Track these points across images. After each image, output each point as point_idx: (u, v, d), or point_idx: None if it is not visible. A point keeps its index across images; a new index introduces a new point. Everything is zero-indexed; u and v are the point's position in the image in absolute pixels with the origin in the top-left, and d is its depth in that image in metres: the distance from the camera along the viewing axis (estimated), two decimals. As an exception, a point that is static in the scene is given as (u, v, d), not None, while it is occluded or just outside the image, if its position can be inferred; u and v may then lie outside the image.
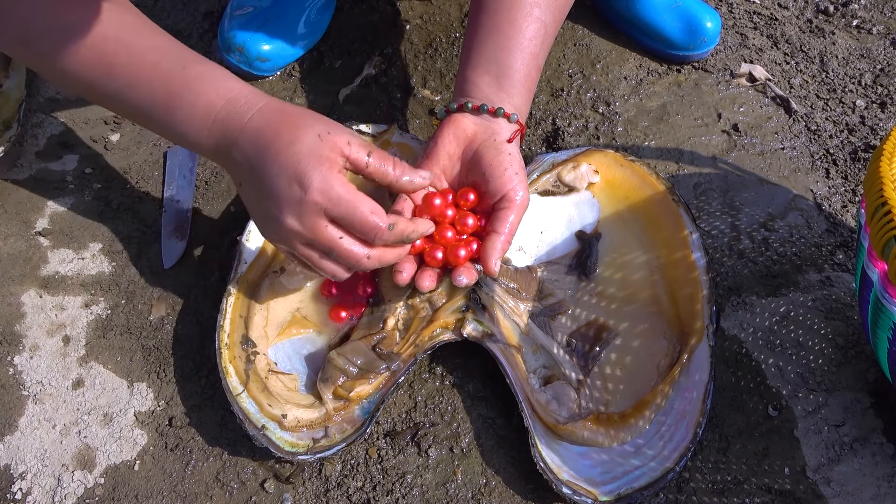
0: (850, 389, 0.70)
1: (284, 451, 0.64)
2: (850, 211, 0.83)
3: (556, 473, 0.63)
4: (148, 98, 0.62)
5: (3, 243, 0.80)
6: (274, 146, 0.59)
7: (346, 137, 0.60)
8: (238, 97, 0.62)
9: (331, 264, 0.62)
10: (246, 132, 0.60)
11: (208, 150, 0.63)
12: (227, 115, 0.61)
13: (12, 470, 0.67)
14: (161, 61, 0.62)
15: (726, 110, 0.91)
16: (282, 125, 0.60)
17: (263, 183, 0.60)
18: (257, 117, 0.61)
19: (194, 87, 0.62)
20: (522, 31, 0.69)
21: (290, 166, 0.58)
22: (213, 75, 0.63)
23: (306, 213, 0.59)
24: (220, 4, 1.00)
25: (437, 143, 0.69)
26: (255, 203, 0.62)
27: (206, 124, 0.62)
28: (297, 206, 0.58)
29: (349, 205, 0.59)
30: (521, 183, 0.67)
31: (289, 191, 0.58)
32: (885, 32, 0.99)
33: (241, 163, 0.61)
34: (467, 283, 0.66)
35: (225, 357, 0.68)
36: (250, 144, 0.60)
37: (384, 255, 0.63)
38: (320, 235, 0.59)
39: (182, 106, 0.62)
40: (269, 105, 0.62)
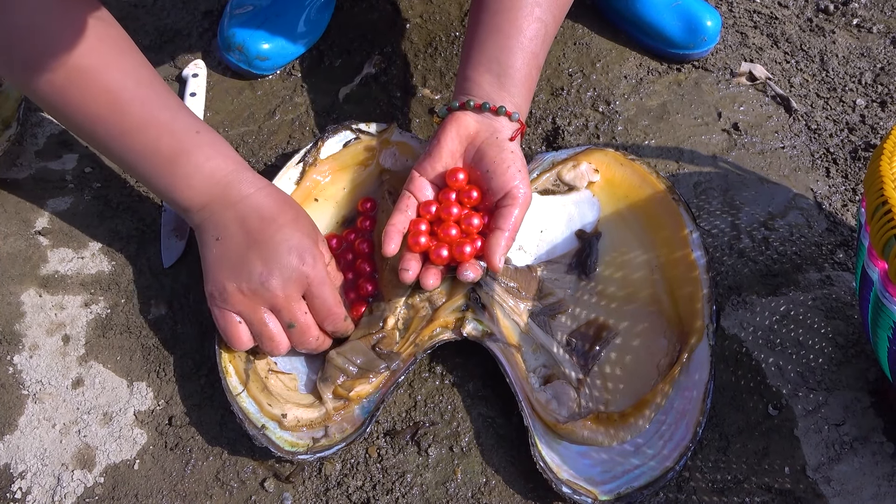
0: (850, 388, 0.70)
1: (284, 451, 0.64)
2: (851, 210, 0.83)
3: (555, 473, 0.63)
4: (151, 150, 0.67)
5: (2, 242, 0.80)
6: (278, 220, 0.66)
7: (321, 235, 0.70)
8: (244, 171, 0.68)
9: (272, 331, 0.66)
10: (248, 201, 0.67)
11: (194, 203, 0.67)
12: (231, 182, 0.67)
13: (12, 469, 0.67)
14: (174, 121, 0.67)
15: (726, 109, 0.91)
16: (285, 206, 0.68)
17: (259, 247, 0.65)
18: (261, 194, 0.67)
19: (205, 151, 0.67)
20: (524, 30, 0.69)
21: (293, 239, 0.65)
22: (224, 146, 0.69)
23: (292, 281, 0.65)
24: (220, 3, 1.00)
25: (440, 140, 0.70)
26: (230, 258, 0.66)
27: (208, 184, 0.67)
28: (287, 272, 0.65)
29: (328, 289, 0.67)
30: (523, 180, 0.68)
31: (287, 258, 0.65)
32: (885, 31, 0.99)
33: (233, 223, 0.66)
34: (473, 279, 0.67)
35: (225, 356, 0.68)
36: (252, 212, 0.66)
37: (325, 342, 0.69)
38: (293, 306, 0.65)
39: (188, 163, 0.67)
40: (272, 187, 0.69)
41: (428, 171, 0.71)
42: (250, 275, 0.64)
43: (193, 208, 0.68)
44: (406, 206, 0.70)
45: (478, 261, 0.68)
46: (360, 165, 0.80)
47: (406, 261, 0.68)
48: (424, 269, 0.68)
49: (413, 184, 0.71)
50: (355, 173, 0.80)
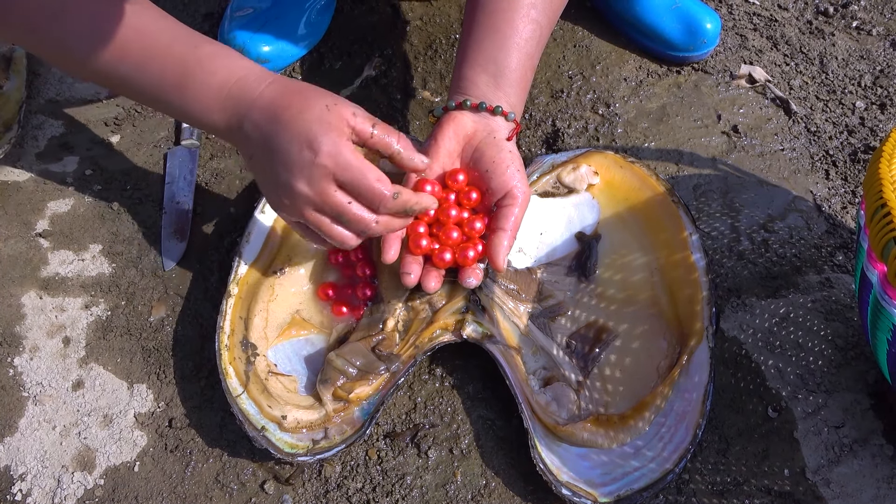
0: (849, 391, 0.70)
1: (284, 453, 0.64)
2: (850, 212, 0.83)
3: (555, 475, 0.63)
4: (159, 78, 0.64)
5: (3, 245, 0.80)
6: (285, 115, 0.61)
7: (351, 109, 0.63)
8: (249, 74, 0.64)
9: (341, 230, 0.64)
10: (257, 105, 0.63)
11: (219, 126, 0.65)
12: (239, 91, 0.64)
13: (12, 471, 0.67)
14: (173, 43, 0.64)
15: (726, 112, 0.91)
16: (292, 97, 0.62)
17: (275, 151, 0.62)
18: (267, 91, 0.63)
19: (207, 66, 0.64)
20: (519, 31, 0.70)
21: (301, 132, 0.60)
22: (225, 55, 0.66)
23: (316, 176, 0.61)
24: (221, 6, 1.01)
25: (437, 140, 0.70)
26: (266, 174, 0.63)
27: (219, 101, 0.64)
28: (307, 169, 0.60)
29: (357, 171, 0.61)
30: (522, 180, 0.68)
31: (300, 155, 0.60)
32: (884, 34, 0.99)
33: (252, 135, 0.63)
34: (476, 285, 0.68)
35: (225, 358, 0.68)
36: (262, 116, 0.62)
37: (391, 222, 0.64)
38: (330, 199, 0.61)
39: (195, 84, 0.64)
40: (279, 80, 0.64)
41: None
42: (282, 187, 0.62)
43: (220, 130, 0.66)
44: None
45: (479, 264, 0.68)
46: (361, 168, 0.80)
47: (407, 264, 0.68)
48: (426, 271, 0.68)
49: (410, 185, 0.71)
50: (355, 175, 0.80)
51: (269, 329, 0.72)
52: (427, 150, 0.70)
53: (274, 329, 0.72)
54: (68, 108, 0.92)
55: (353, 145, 0.62)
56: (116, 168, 0.86)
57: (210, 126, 0.66)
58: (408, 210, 0.64)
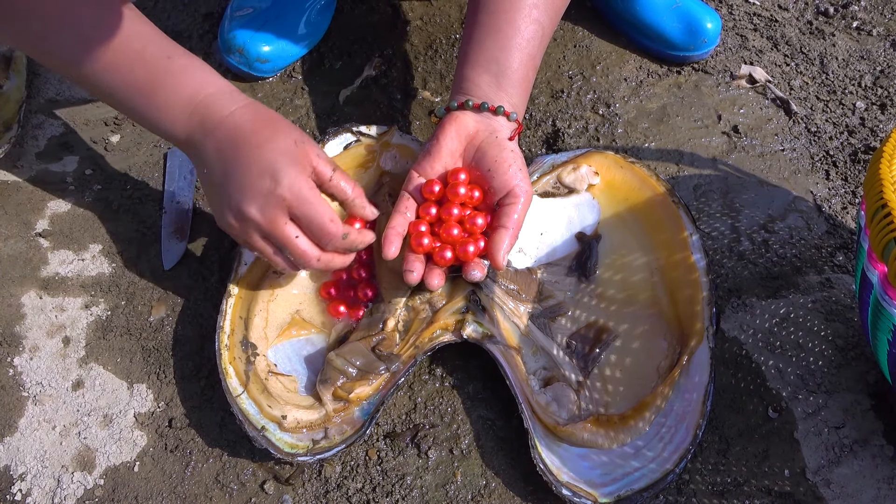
0: (850, 391, 0.70)
1: (284, 453, 0.64)
2: (850, 213, 0.83)
3: (555, 475, 0.63)
4: (128, 82, 0.65)
5: (3, 244, 0.80)
6: (252, 140, 0.63)
7: (316, 150, 0.65)
8: (221, 92, 0.65)
9: (281, 259, 0.66)
10: (224, 124, 0.64)
11: (179, 137, 0.66)
12: (207, 107, 0.64)
13: (12, 471, 0.67)
14: (146, 49, 0.65)
15: (726, 112, 0.91)
16: (261, 125, 0.64)
17: (232, 174, 0.63)
18: (238, 113, 0.64)
19: (178, 78, 0.65)
20: (521, 32, 0.70)
21: (263, 161, 0.62)
22: (198, 69, 0.66)
23: (270, 205, 0.62)
24: (221, 6, 1.00)
25: (440, 140, 0.70)
26: (218, 192, 0.64)
27: (185, 113, 0.64)
28: (262, 197, 0.62)
29: (312, 207, 0.62)
30: (524, 179, 0.68)
31: (259, 182, 0.62)
32: (884, 34, 0.99)
33: (211, 152, 0.64)
34: (480, 278, 0.68)
35: (225, 358, 0.68)
36: (227, 137, 0.63)
37: (332, 260, 0.66)
38: (278, 230, 0.63)
39: (163, 93, 0.64)
40: (251, 105, 0.65)
41: (427, 171, 0.71)
42: (232, 206, 0.63)
43: (180, 141, 0.66)
44: (405, 207, 0.70)
45: (482, 260, 0.68)
46: (361, 168, 0.80)
47: (410, 262, 0.68)
48: (428, 269, 0.68)
49: (412, 185, 0.71)
50: (356, 175, 0.80)
51: (269, 329, 0.72)
52: (429, 150, 0.71)
53: (274, 329, 0.72)
54: (68, 108, 0.92)
55: (311, 182, 0.63)
56: (116, 168, 0.86)
57: (170, 135, 0.66)
58: (352, 248, 0.66)
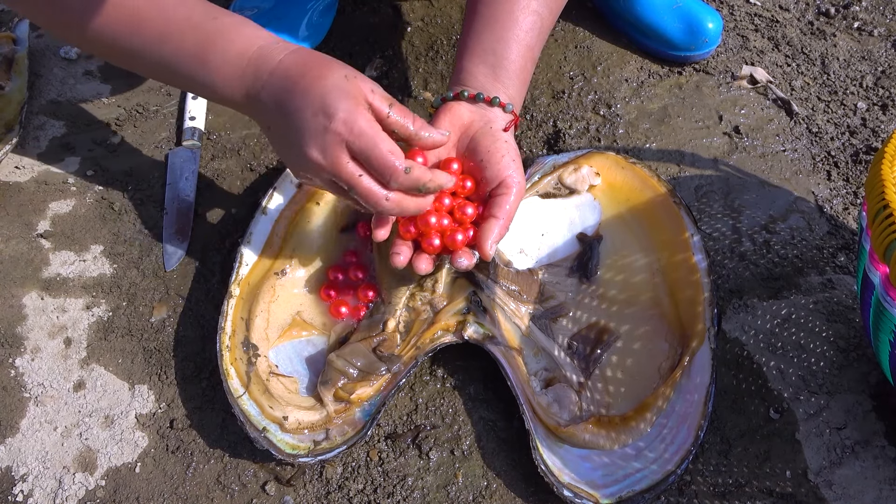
0: (851, 392, 0.70)
1: (285, 454, 0.64)
2: (852, 213, 0.83)
3: (557, 476, 0.63)
4: (177, 50, 0.64)
5: (4, 245, 0.80)
6: (302, 82, 0.60)
7: (370, 85, 0.62)
8: (269, 43, 0.64)
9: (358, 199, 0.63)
10: (276, 73, 0.62)
11: (237, 97, 0.64)
12: (258, 59, 0.63)
13: (13, 472, 0.67)
14: (192, 14, 0.64)
15: (727, 112, 0.91)
16: (310, 65, 0.61)
17: (290, 117, 0.61)
18: (287, 59, 0.62)
19: (227, 35, 0.63)
20: (520, 22, 0.70)
21: (316, 99, 0.59)
22: (245, 24, 0.65)
23: (329, 144, 0.60)
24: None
25: None
26: (282, 141, 0.63)
27: (239, 69, 0.63)
28: (320, 136, 0.59)
29: (370, 140, 0.59)
30: (517, 170, 0.67)
31: (314, 121, 0.59)
32: (886, 34, 0.99)
33: (269, 104, 0.62)
34: (467, 266, 0.66)
35: (226, 359, 0.68)
36: (279, 83, 0.61)
37: (403, 201, 0.62)
38: (341, 171, 0.60)
39: (215, 54, 0.63)
40: (301, 49, 0.64)
41: None
42: (298, 154, 0.61)
43: (239, 101, 0.65)
44: None
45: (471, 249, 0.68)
46: (362, 168, 0.80)
47: (397, 245, 0.67)
48: (416, 254, 0.67)
49: None
50: (357, 176, 0.79)
51: (270, 330, 0.72)
52: None
53: (275, 330, 0.72)
54: (70, 109, 0.92)
55: (368, 114, 0.60)
56: (118, 169, 0.86)
57: (229, 97, 0.65)
58: (421, 188, 0.62)
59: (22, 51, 0.92)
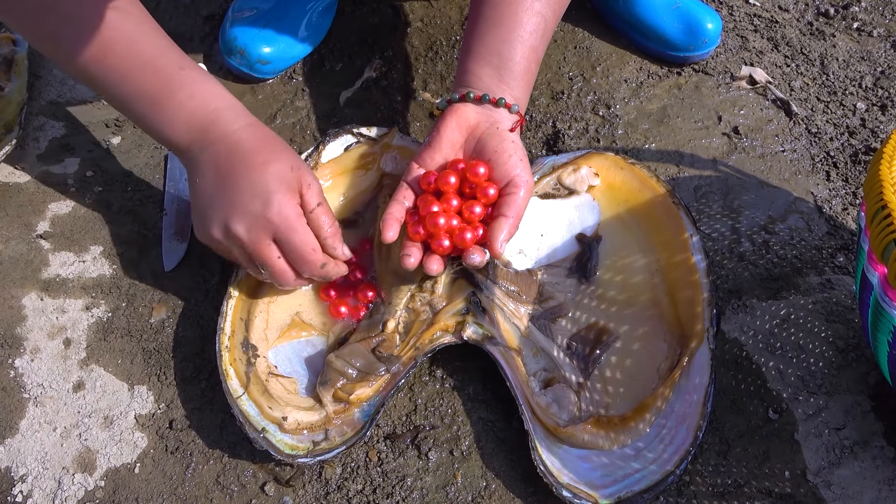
0: (850, 392, 0.70)
1: (284, 454, 0.64)
2: (851, 213, 0.83)
3: (556, 477, 0.63)
4: (138, 89, 0.66)
5: (4, 246, 0.80)
6: (248, 161, 0.64)
7: (309, 178, 0.67)
8: (228, 108, 0.67)
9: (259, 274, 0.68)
10: (226, 140, 0.65)
11: (179, 145, 0.67)
12: (212, 121, 0.66)
13: (13, 472, 0.67)
14: (159, 59, 0.66)
15: (727, 113, 0.91)
16: (260, 145, 0.66)
17: (226, 189, 0.64)
18: (241, 132, 0.66)
19: (188, 89, 0.66)
20: (524, 24, 0.70)
21: (258, 183, 0.64)
22: (208, 82, 0.68)
23: (257, 227, 0.64)
24: (222, 7, 1.01)
25: (440, 131, 0.70)
26: (207, 204, 0.66)
27: (189, 123, 0.66)
28: (251, 217, 0.64)
29: (298, 235, 0.65)
30: (525, 169, 0.68)
31: (250, 203, 0.63)
32: (885, 35, 0.99)
33: (209, 165, 0.66)
34: (480, 262, 0.67)
35: (225, 360, 0.68)
36: (226, 151, 0.65)
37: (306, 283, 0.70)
38: (261, 251, 0.65)
39: (171, 102, 0.66)
40: (255, 125, 0.67)
41: (427, 162, 0.71)
42: (219, 219, 0.65)
43: (181, 149, 0.68)
44: (403, 196, 0.70)
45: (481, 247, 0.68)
46: (361, 169, 0.80)
47: (407, 247, 0.68)
48: (427, 255, 0.68)
49: (411, 175, 0.71)
50: (356, 177, 0.80)
51: (269, 330, 0.72)
52: (430, 142, 0.71)
53: (274, 330, 0.72)
54: (69, 110, 0.92)
55: (300, 210, 0.65)
56: (117, 170, 0.86)
57: (170, 142, 0.68)
58: (327, 278, 0.69)
59: (21, 52, 0.92)
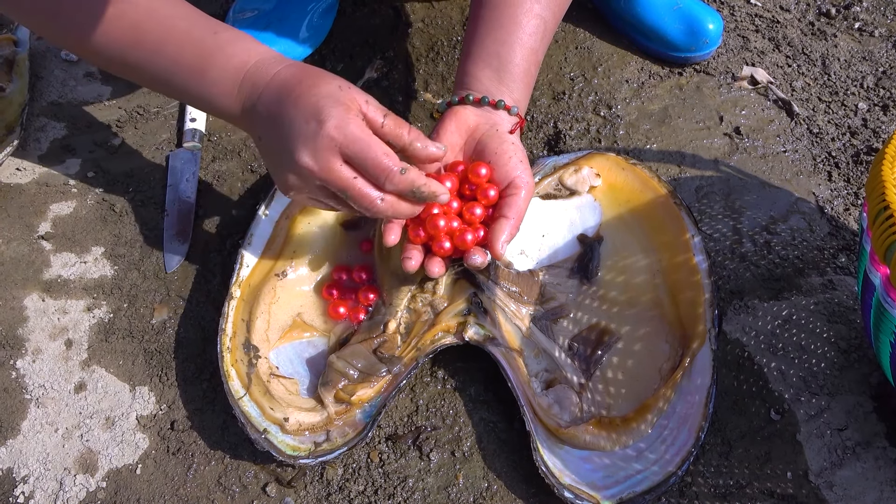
0: (852, 393, 0.70)
1: (286, 455, 0.64)
2: (853, 214, 0.83)
3: (557, 477, 0.63)
4: (175, 63, 0.65)
5: (5, 247, 0.80)
6: (295, 90, 0.61)
7: (364, 97, 0.62)
8: (266, 58, 0.65)
9: (338, 206, 0.64)
10: (271, 84, 0.63)
11: (233, 109, 0.65)
12: (256, 72, 0.64)
13: (15, 473, 0.67)
14: (192, 28, 0.65)
15: (728, 113, 0.91)
16: (305, 75, 0.63)
17: (282, 125, 0.61)
18: (284, 71, 0.64)
19: (227, 50, 0.65)
20: (523, 26, 0.70)
21: (309, 105, 0.60)
22: (244, 39, 0.66)
23: (321, 148, 0.59)
24: (223, 8, 1.01)
25: (440, 134, 0.70)
26: (272, 151, 0.64)
27: (236, 83, 0.64)
28: (312, 141, 0.60)
29: (363, 143, 0.59)
30: (525, 170, 0.68)
31: (306, 127, 0.60)
32: (886, 35, 0.99)
33: (263, 113, 0.63)
34: (481, 263, 0.66)
35: (227, 361, 0.68)
36: (274, 94, 0.62)
37: (397, 204, 0.62)
38: (334, 174, 0.60)
39: (214, 68, 0.64)
40: (295, 63, 0.65)
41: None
42: (289, 162, 0.61)
43: (235, 114, 0.66)
44: None
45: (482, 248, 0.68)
46: (362, 170, 0.80)
47: (408, 250, 0.67)
48: (428, 258, 0.68)
49: None
50: (357, 178, 0.80)
51: (270, 331, 0.72)
52: None
53: (276, 331, 0.72)
54: (71, 111, 0.92)
55: (360, 121, 0.61)
56: (118, 170, 0.86)
57: (224, 110, 0.66)
58: (415, 192, 0.62)
59: (23, 52, 0.92)
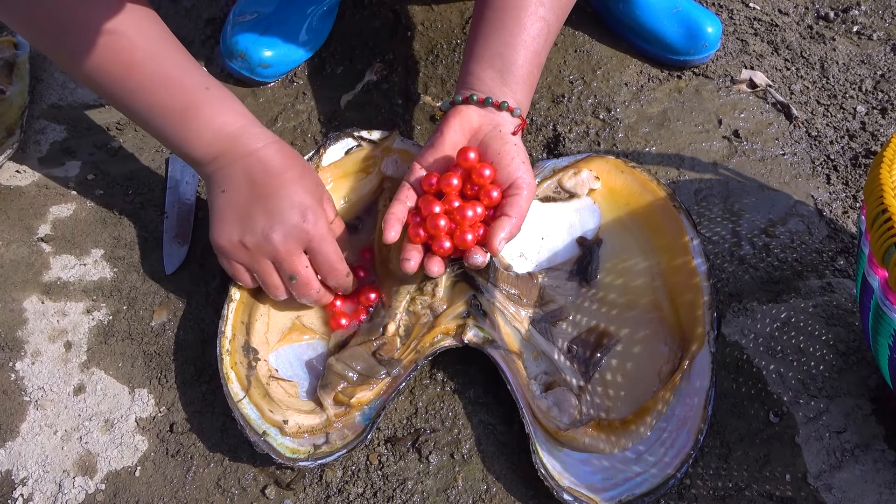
0: (851, 396, 0.70)
1: (285, 458, 0.64)
2: (851, 217, 0.83)
3: (557, 480, 0.63)
4: (161, 104, 0.69)
5: (5, 249, 0.80)
6: (283, 176, 0.68)
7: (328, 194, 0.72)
8: (251, 126, 0.70)
9: (278, 282, 0.69)
10: (257, 155, 0.69)
11: (203, 158, 0.70)
12: (237, 138, 0.69)
13: (13, 476, 0.67)
14: (185, 78, 0.69)
15: (727, 116, 0.91)
16: (290, 163, 0.69)
17: (266, 201, 0.67)
18: (269, 148, 0.69)
19: (214, 107, 0.69)
20: (527, 28, 0.70)
21: (295, 196, 0.68)
22: (231, 100, 0.71)
23: (293, 236, 0.67)
24: (223, 11, 1.01)
25: (443, 132, 0.71)
26: (233, 207, 0.68)
27: (213, 138, 0.69)
28: (290, 227, 0.67)
29: (330, 245, 0.68)
30: (527, 171, 0.69)
31: (289, 213, 0.67)
32: (885, 38, 0.99)
33: (240, 177, 0.68)
34: (482, 263, 0.67)
35: (226, 363, 0.68)
36: (258, 165, 0.68)
37: (325, 295, 0.71)
38: (294, 259, 0.68)
39: (198, 118, 0.68)
40: (279, 143, 0.71)
41: (430, 162, 0.71)
42: (253, 228, 0.67)
43: (203, 161, 0.69)
44: (405, 196, 0.70)
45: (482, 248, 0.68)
46: (362, 172, 0.80)
47: (407, 251, 0.68)
48: (427, 258, 0.68)
49: (413, 176, 0.71)
50: (357, 180, 0.80)
51: (270, 334, 0.72)
52: (433, 143, 0.71)
53: (275, 334, 0.72)
54: (71, 113, 0.92)
55: (328, 223, 0.70)
56: (118, 173, 0.86)
57: (193, 157, 0.70)
58: (346, 288, 0.71)
59: (23, 55, 0.93)
